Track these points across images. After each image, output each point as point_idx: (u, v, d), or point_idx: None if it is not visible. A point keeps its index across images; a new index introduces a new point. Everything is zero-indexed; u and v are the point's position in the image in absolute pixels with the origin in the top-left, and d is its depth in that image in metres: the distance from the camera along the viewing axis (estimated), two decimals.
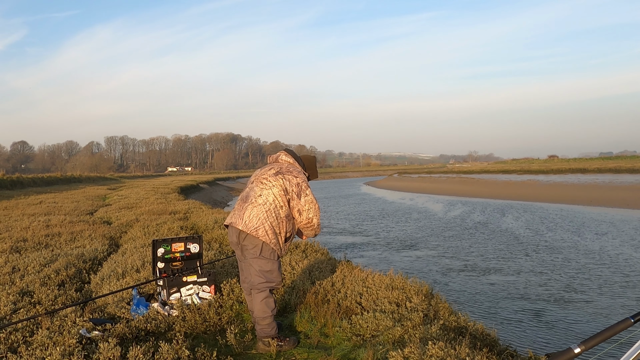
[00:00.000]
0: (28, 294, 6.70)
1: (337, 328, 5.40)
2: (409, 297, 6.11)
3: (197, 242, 6.76)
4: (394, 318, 5.41)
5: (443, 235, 21.15)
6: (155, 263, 6.50)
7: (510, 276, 13.13)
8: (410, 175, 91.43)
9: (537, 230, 21.27)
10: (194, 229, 13.65)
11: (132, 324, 5.37)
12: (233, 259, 8.23)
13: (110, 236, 12.48)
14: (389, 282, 6.72)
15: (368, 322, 5.32)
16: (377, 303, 5.95)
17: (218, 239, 11.34)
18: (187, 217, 16.59)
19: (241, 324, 5.73)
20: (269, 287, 4.96)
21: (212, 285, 6.49)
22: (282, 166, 5.11)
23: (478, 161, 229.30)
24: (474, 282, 12.71)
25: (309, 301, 6.11)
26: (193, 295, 6.32)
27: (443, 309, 6.02)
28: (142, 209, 19.31)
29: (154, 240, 6.52)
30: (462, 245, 18.15)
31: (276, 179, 4.94)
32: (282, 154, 5.32)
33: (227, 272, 7.67)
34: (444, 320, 5.47)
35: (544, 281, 12.48)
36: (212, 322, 5.67)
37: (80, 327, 5.19)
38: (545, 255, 15.81)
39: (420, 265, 15.03)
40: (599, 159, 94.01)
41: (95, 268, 8.78)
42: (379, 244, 19.22)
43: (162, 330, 5.43)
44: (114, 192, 35.89)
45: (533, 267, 14.05)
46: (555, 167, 66.25)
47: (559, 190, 41.35)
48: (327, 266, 8.03)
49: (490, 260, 15.23)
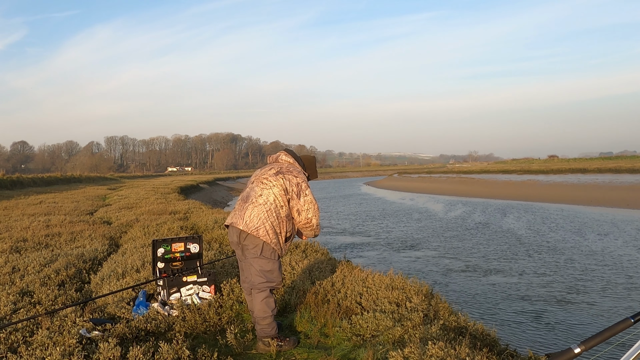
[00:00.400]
0: (28, 294, 6.71)
1: (337, 328, 5.40)
2: (409, 297, 6.11)
3: (197, 242, 6.76)
4: (394, 318, 5.41)
5: (444, 235, 21.14)
6: (155, 263, 6.50)
7: (512, 277, 13.11)
8: (410, 175, 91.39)
9: (539, 231, 21.26)
10: (194, 229, 13.65)
11: (132, 324, 5.37)
12: (233, 259, 8.23)
13: (110, 236, 12.49)
14: (389, 282, 6.71)
15: (368, 322, 5.32)
16: (377, 303, 5.95)
17: (218, 239, 11.34)
18: (187, 217, 16.59)
19: (241, 324, 5.74)
20: (269, 287, 4.97)
21: (212, 285, 6.50)
22: (283, 166, 5.12)
23: (478, 161, 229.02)
24: (475, 282, 12.70)
25: (309, 301, 6.11)
26: (193, 295, 6.33)
27: (443, 309, 6.01)
28: (142, 209, 19.32)
29: (154, 240, 6.53)
30: (463, 246, 18.14)
31: (277, 178, 4.95)
32: (282, 154, 5.33)
33: (227, 272, 7.67)
34: (444, 320, 5.47)
35: (546, 282, 12.46)
36: (212, 322, 5.67)
37: (80, 327, 5.19)
38: (547, 256, 15.78)
39: (421, 265, 15.02)
40: (599, 159, 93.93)
41: (95, 268, 8.79)
42: (379, 244, 19.22)
43: (162, 330, 5.44)
44: (114, 192, 35.90)
45: (535, 268, 14.01)
46: (555, 167, 66.22)
47: (560, 190, 41.34)
48: (327, 266, 8.03)
49: (491, 261, 15.22)
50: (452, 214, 30.09)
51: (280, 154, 5.34)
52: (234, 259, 8.19)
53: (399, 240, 20.03)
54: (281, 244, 5.00)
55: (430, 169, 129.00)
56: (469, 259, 15.73)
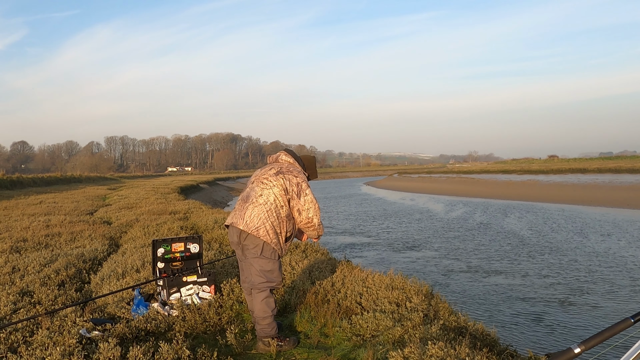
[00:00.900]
0: (28, 294, 6.71)
1: (337, 328, 5.40)
2: (409, 297, 6.11)
3: (197, 242, 6.77)
4: (394, 318, 5.41)
5: (445, 236, 21.15)
6: (155, 263, 6.51)
7: (514, 278, 13.09)
8: (410, 175, 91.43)
9: (541, 231, 21.26)
10: (194, 229, 13.66)
11: (132, 324, 5.37)
12: (233, 259, 8.23)
13: (110, 236, 12.49)
14: (389, 282, 6.72)
15: (368, 322, 5.32)
16: (377, 303, 5.96)
17: (218, 239, 11.35)
18: (187, 217, 16.60)
19: (241, 324, 5.74)
20: (269, 286, 4.97)
21: (212, 285, 6.50)
22: (283, 166, 5.11)
23: (478, 161, 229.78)
24: (476, 283, 12.69)
25: (309, 301, 6.11)
26: (193, 295, 6.33)
27: (443, 309, 6.01)
28: (142, 209, 19.32)
29: (154, 240, 6.53)
30: (464, 247, 18.14)
31: (277, 178, 4.94)
32: (282, 153, 5.32)
33: (227, 272, 7.67)
34: (444, 320, 5.47)
35: (548, 284, 12.43)
36: (212, 322, 5.68)
37: (80, 327, 5.20)
38: (550, 257, 15.75)
39: (421, 266, 15.02)
40: (599, 159, 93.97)
41: (95, 268, 8.79)
42: (380, 244, 19.23)
43: (162, 330, 5.44)
44: (114, 192, 35.91)
45: (537, 270, 13.97)
46: (555, 167, 66.22)
47: (560, 191, 41.34)
48: (327, 266, 8.03)
49: (493, 262, 15.21)
50: (453, 214, 30.09)
51: (280, 153, 5.33)
52: (233, 259, 8.19)
53: (400, 241, 20.04)
54: (281, 244, 5.00)
55: (430, 169, 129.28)
56: (470, 259, 15.72)
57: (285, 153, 5.34)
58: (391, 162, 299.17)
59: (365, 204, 41.70)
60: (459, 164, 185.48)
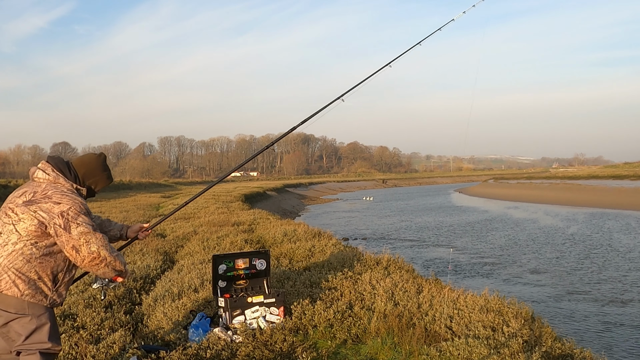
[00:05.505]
0: (70, 316, 6.92)
1: (424, 356, 5.40)
2: (506, 321, 6.10)
3: (264, 258, 6.82)
4: (489, 345, 5.41)
5: (540, 250, 21.08)
6: (216, 282, 6.59)
7: (632, 307, 12.64)
8: (507, 181, 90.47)
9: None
10: (260, 242, 13.80)
11: (189, 351, 5.45)
12: (305, 276, 8.24)
13: (164, 251, 12.76)
14: (483, 303, 6.72)
15: (459, 349, 5.33)
16: (470, 327, 5.97)
17: (288, 254, 11.42)
18: (253, 229, 16.80)
19: (313, 352, 5.73)
20: (39, 348, 4.07)
21: (281, 306, 6.53)
22: (38, 189, 4.13)
23: (585, 165, 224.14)
24: (585, 309, 12.51)
25: (392, 325, 6.10)
26: (259, 318, 6.37)
27: (546, 334, 6.03)
28: (201, 219, 19.68)
29: (215, 256, 6.62)
30: (571, 266, 17.74)
31: (25, 210, 4.02)
32: (40, 169, 4.26)
33: (299, 292, 7.69)
34: (547, 347, 5.46)
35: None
36: (281, 349, 5.68)
37: (131, 355, 5.30)
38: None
39: (520, 287, 14.88)
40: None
41: (147, 287, 9.00)
42: (472, 260, 19.08)
43: (223, 358, 5.49)
44: (169, 200, 36.85)
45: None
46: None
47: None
48: (412, 285, 7.98)
49: (606, 287, 14.67)
50: (570, 230, 29.34)
51: (36, 169, 4.27)
52: (305, 277, 8.20)
53: (493, 255, 19.95)
54: (48, 290, 4.16)
55: (530, 174, 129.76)
56: (579, 282, 15.34)
57: (44, 166, 4.27)
58: (486, 167, 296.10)
59: (455, 214, 41.25)
60: (564, 167, 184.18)
